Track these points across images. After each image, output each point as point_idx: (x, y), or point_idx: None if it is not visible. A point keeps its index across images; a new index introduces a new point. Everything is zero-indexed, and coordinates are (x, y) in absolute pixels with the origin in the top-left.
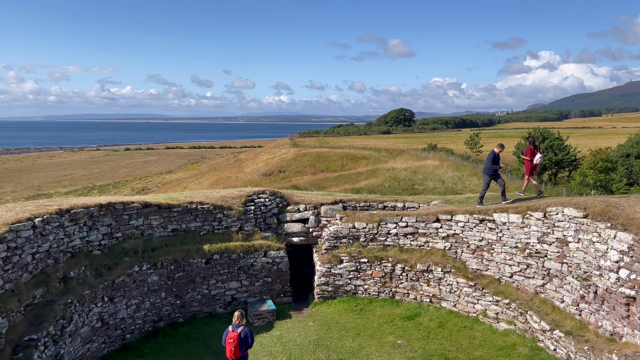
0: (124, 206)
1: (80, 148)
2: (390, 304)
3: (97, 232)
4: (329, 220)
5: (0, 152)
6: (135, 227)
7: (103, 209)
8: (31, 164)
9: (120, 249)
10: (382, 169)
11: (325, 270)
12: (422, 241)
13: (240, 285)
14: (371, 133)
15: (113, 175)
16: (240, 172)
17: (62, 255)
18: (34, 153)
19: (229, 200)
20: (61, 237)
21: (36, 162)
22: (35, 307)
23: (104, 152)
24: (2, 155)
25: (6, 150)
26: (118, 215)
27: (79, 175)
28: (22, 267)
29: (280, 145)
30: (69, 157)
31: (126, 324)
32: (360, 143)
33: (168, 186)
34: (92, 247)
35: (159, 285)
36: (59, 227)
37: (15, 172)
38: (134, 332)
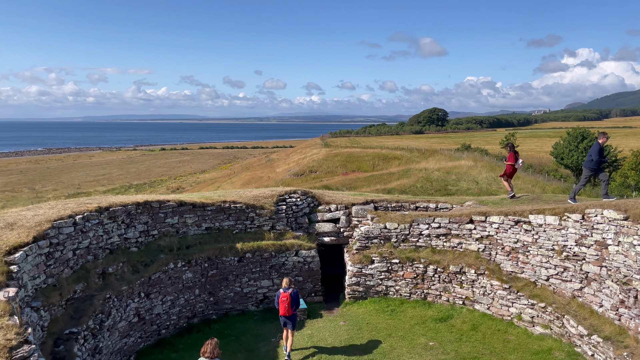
0: (160, 205)
1: (117, 148)
2: (422, 306)
3: (135, 229)
4: (360, 220)
5: (43, 152)
6: (171, 225)
7: (140, 207)
8: (71, 164)
9: (156, 246)
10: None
11: (357, 270)
12: (455, 242)
13: (272, 283)
14: (403, 133)
15: (149, 175)
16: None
17: (101, 251)
18: (74, 153)
19: (261, 199)
20: (100, 234)
21: (76, 161)
22: (75, 301)
23: (140, 152)
24: (44, 154)
25: (48, 150)
26: (154, 214)
27: (117, 174)
28: (64, 263)
29: (311, 145)
30: (107, 156)
31: (161, 319)
32: (392, 143)
33: (202, 185)
34: (129, 244)
35: (193, 282)
36: (98, 224)
37: (57, 171)
38: (169, 328)
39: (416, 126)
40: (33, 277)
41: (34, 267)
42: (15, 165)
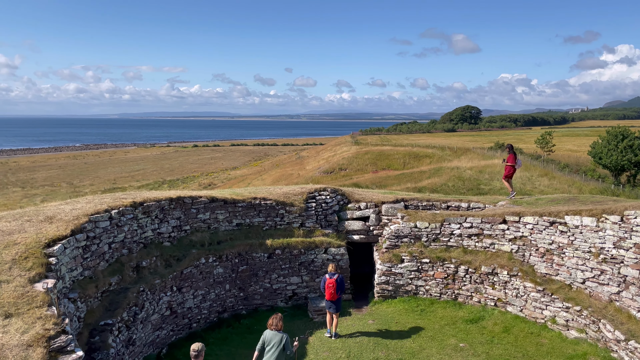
0: (192, 200)
1: (152, 144)
2: (452, 306)
3: (168, 224)
4: (390, 219)
5: (81, 148)
6: (203, 221)
7: (173, 203)
8: (108, 159)
9: (188, 241)
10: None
11: (386, 269)
12: (487, 243)
13: (301, 280)
14: (435, 131)
15: (182, 171)
16: (302, 169)
17: (136, 245)
18: (111, 149)
19: (291, 196)
20: (135, 228)
21: (112, 157)
22: (110, 293)
23: (173, 149)
24: (82, 150)
25: (86, 146)
26: (187, 209)
27: (151, 170)
28: (100, 256)
29: (341, 143)
30: (141, 152)
31: (193, 313)
32: (424, 141)
33: (233, 182)
34: (162, 238)
35: (224, 277)
36: (133, 219)
37: (94, 166)
38: (199, 322)
39: (448, 124)
40: (71, 269)
41: (71, 259)
42: (55, 160)
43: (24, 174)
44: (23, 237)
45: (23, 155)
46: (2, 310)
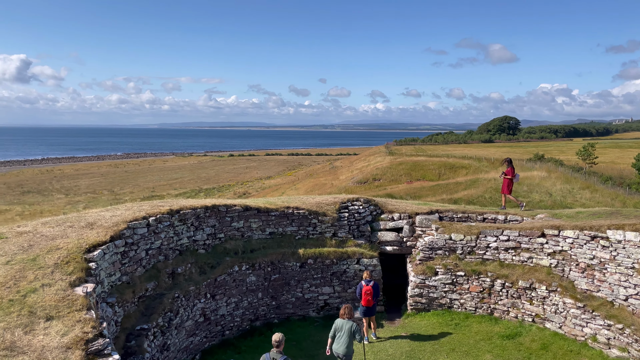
0: (226, 209)
1: (189, 153)
2: (488, 321)
3: (203, 232)
4: (424, 230)
5: (122, 157)
6: (236, 229)
7: (208, 211)
8: (147, 168)
9: (222, 249)
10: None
11: (419, 281)
12: (524, 257)
13: (333, 290)
14: (471, 142)
15: (218, 180)
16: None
17: (172, 252)
18: (150, 157)
19: (324, 206)
20: (171, 235)
21: (151, 165)
22: (147, 299)
23: (210, 158)
24: (123, 159)
25: (127, 154)
26: (221, 217)
27: (188, 178)
28: (137, 262)
29: (375, 153)
30: (179, 161)
31: (226, 320)
32: (460, 152)
33: (267, 191)
34: (197, 246)
35: (257, 285)
36: (169, 226)
37: (134, 174)
38: (232, 329)
39: (485, 135)
40: (109, 274)
41: (110, 264)
42: (97, 168)
43: (68, 182)
44: (65, 242)
45: (67, 163)
46: (44, 313)
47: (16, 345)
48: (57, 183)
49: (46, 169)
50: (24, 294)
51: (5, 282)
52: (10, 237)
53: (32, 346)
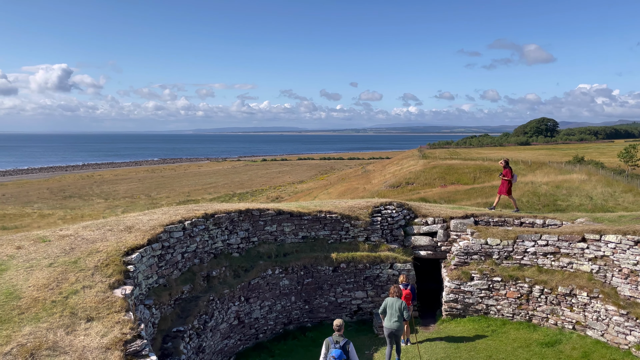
0: (260, 213)
1: (223, 159)
2: (526, 328)
3: (237, 235)
4: (458, 234)
5: (158, 162)
6: (270, 233)
7: (242, 215)
8: (182, 173)
9: (255, 252)
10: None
11: (454, 286)
12: (564, 262)
13: (366, 295)
14: (507, 144)
15: (251, 184)
16: (367, 183)
17: (206, 255)
18: (185, 163)
19: (356, 210)
20: (206, 239)
21: (187, 171)
22: (182, 301)
23: (243, 163)
24: (159, 164)
25: (163, 160)
26: (255, 221)
27: (222, 183)
28: (173, 265)
29: (408, 157)
30: (214, 166)
31: (259, 323)
32: (495, 155)
33: (299, 195)
34: (231, 249)
35: (290, 289)
36: (204, 229)
37: (170, 179)
38: (266, 333)
39: (522, 137)
40: (147, 276)
41: (147, 267)
42: (135, 174)
43: (107, 187)
44: (105, 246)
45: (107, 169)
46: (85, 314)
47: (58, 345)
48: (97, 188)
49: (87, 175)
50: (65, 296)
51: (49, 283)
52: (53, 241)
53: (74, 346)
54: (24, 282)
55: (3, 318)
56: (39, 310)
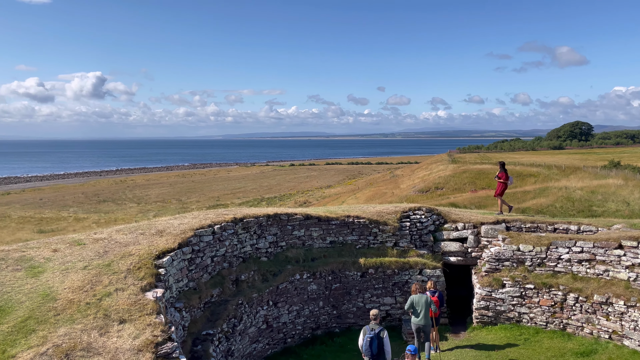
0: (288, 217)
1: (252, 163)
2: (560, 337)
3: (265, 240)
4: (489, 240)
5: (189, 167)
6: (297, 238)
7: (270, 219)
8: (212, 177)
9: (283, 257)
10: (553, 187)
11: (486, 293)
12: (600, 269)
13: (395, 301)
14: (540, 148)
15: (279, 189)
16: (396, 188)
17: (235, 259)
18: (215, 168)
19: (385, 215)
20: (235, 243)
21: (216, 175)
22: (212, 305)
23: (272, 167)
24: (190, 169)
25: (193, 165)
26: (283, 226)
27: (251, 188)
28: (203, 268)
29: (437, 161)
30: (242, 171)
31: (287, 328)
32: (527, 159)
33: (327, 200)
34: (260, 253)
35: (317, 294)
36: (233, 234)
37: (200, 184)
38: (294, 337)
39: (555, 141)
40: (177, 280)
41: (178, 271)
42: (166, 178)
43: (139, 191)
44: (137, 249)
45: (139, 174)
46: (118, 316)
47: (92, 346)
48: (130, 192)
49: (120, 179)
50: (99, 298)
51: (83, 285)
52: (88, 244)
53: (107, 348)
54: (60, 284)
55: (40, 319)
56: (74, 311)
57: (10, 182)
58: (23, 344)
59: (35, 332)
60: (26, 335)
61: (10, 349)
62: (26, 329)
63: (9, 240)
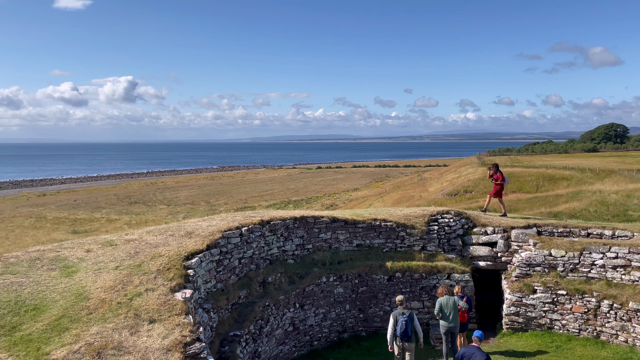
0: (314, 220)
1: (279, 166)
2: (593, 345)
3: (292, 242)
4: (520, 245)
5: (217, 170)
6: (324, 240)
7: (297, 222)
8: (240, 180)
9: (310, 259)
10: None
11: (516, 299)
12: (636, 276)
13: (422, 305)
14: (573, 151)
15: (306, 192)
16: (424, 191)
17: (262, 261)
18: (243, 170)
19: (412, 218)
20: (262, 245)
21: (244, 178)
22: (239, 306)
23: (299, 170)
24: (218, 172)
25: (221, 168)
26: (309, 228)
27: (278, 190)
28: (231, 270)
29: (466, 164)
30: (270, 174)
31: (314, 331)
32: (560, 162)
33: (354, 203)
34: (286, 256)
35: (344, 297)
36: (260, 236)
37: (228, 186)
38: (320, 340)
39: (589, 143)
40: (205, 281)
41: (206, 272)
42: (195, 181)
43: (169, 193)
44: (167, 250)
45: (169, 176)
46: (147, 316)
47: (123, 345)
48: (160, 194)
49: (151, 182)
50: (130, 298)
51: (115, 285)
52: (119, 245)
53: (137, 347)
54: (92, 283)
55: (73, 317)
56: (106, 311)
57: (46, 183)
58: (57, 341)
59: (69, 331)
60: (60, 333)
61: (44, 346)
62: (60, 327)
63: (44, 241)
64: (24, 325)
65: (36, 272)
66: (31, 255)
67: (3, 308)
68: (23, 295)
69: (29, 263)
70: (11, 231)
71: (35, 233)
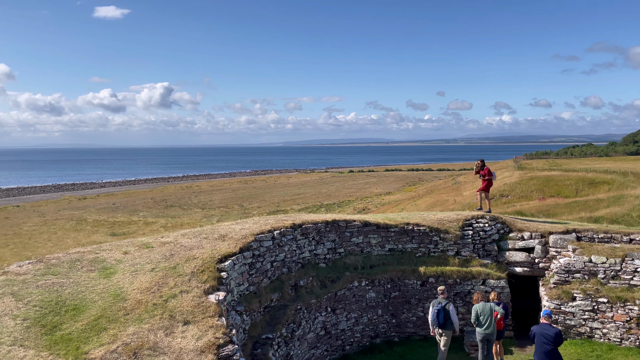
0: (346, 224)
1: (311, 170)
2: (635, 354)
3: (323, 246)
4: (558, 251)
5: (250, 174)
6: (356, 244)
7: (329, 226)
8: (272, 184)
9: (342, 263)
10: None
11: (554, 307)
12: None
13: (457, 312)
14: (614, 154)
15: (338, 195)
16: (458, 196)
17: (294, 265)
18: (275, 174)
19: (446, 223)
20: (294, 248)
21: (277, 182)
22: (271, 309)
23: (331, 174)
24: (251, 176)
25: (254, 172)
26: (341, 232)
27: (310, 194)
28: (263, 273)
29: (502, 168)
30: (302, 178)
31: (346, 335)
32: (600, 165)
33: (386, 207)
34: (318, 259)
35: (376, 302)
36: (292, 239)
37: (260, 190)
38: (352, 345)
39: (631, 146)
40: (238, 283)
41: (239, 274)
42: (229, 184)
43: (204, 197)
44: (201, 253)
45: (204, 180)
46: (182, 317)
47: (158, 346)
48: (195, 198)
49: (186, 185)
50: (165, 299)
51: (151, 287)
52: (155, 247)
53: (172, 348)
54: (129, 285)
55: (110, 318)
56: (142, 312)
57: (86, 187)
58: (95, 341)
59: (107, 331)
60: (98, 333)
61: (83, 345)
62: (98, 327)
63: (84, 243)
64: (64, 325)
65: (76, 273)
66: (72, 257)
67: (45, 308)
68: (63, 295)
69: (70, 264)
70: (53, 233)
71: (76, 235)
